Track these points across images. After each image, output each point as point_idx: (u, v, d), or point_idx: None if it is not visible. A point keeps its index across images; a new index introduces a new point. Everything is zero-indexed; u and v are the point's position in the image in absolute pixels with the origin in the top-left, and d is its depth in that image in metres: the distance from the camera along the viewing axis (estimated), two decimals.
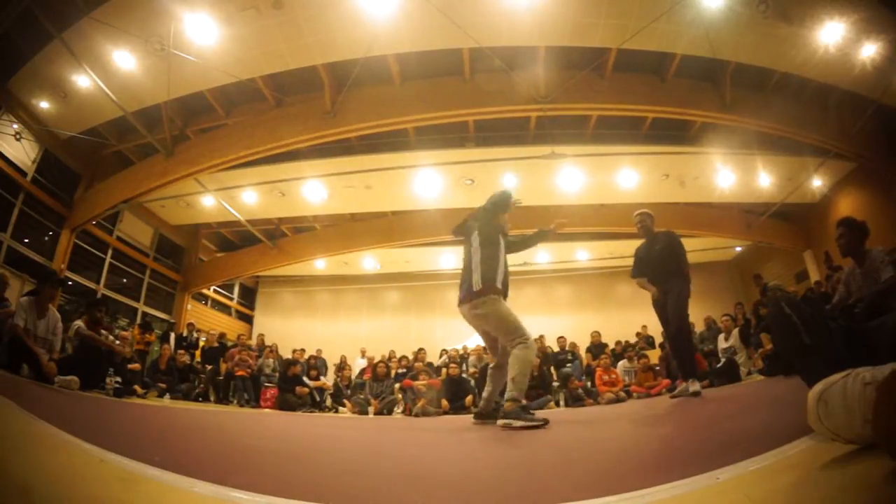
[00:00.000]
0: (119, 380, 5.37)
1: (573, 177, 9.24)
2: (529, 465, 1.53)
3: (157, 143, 8.26)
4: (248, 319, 15.01)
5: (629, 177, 9.33)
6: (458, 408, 5.68)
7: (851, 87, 7.37)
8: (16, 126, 7.80)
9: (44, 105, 7.81)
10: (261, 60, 7.10)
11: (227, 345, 8.89)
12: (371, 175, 9.32)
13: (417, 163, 9.04)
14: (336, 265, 13.69)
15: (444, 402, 5.69)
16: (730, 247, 13.08)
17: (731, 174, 9.37)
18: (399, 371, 7.60)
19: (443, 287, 13.04)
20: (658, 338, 6.59)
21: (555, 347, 8.74)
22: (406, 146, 8.99)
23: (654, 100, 7.77)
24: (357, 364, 9.85)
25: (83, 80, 7.19)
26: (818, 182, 9.76)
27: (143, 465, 1.12)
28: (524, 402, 2.55)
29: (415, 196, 9.84)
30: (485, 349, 3.87)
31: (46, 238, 8.91)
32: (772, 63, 7.29)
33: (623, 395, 6.26)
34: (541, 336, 8.88)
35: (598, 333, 8.73)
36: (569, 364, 7.81)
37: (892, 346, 1.23)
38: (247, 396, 6.99)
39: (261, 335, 10.76)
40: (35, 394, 3.05)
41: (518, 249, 3.39)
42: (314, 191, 9.78)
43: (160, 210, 11.05)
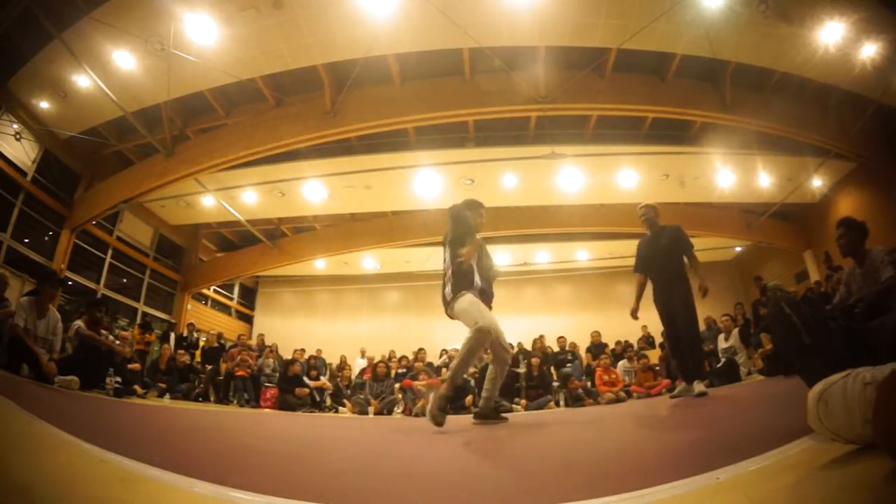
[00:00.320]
0: (119, 380, 5.37)
1: (573, 177, 9.24)
2: (529, 465, 1.53)
3: (157, 143, 8.26)
4: (248, 319, 15.01)
5: (629, 177, 9.34)
6: (458, 408, 5.67)
7: (851, 87, 7.37)
8: (16, 126, 7.81)
9: (44, 105, 7.81)
10: (261, 60, 7.10)
11: (225, 345, 8.88)
12: (371, 175, 9.32)
13: (417, 163, 9.04)
14: (336, 265, 13.69)
15: None
16: (730, 247, 13.08)
17: (731, 174, 9.38)
18: (399, 371, 7.61)
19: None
20: (658, 337, 6.58)
21: (555, 347, 8.75)
22: (406, 146, 9.00)
23: (654, 100, 7.78)
24: (357, 364, 9.85)
25: (83, 80, 7.19)
26: (818, 182, 9.76)
27: (143, 465, 1.12)
28: (450, 395, 2.62)
29: (415, 196, 9.85)
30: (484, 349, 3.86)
31: (46, 238, 8.91)
32: (772, 63, 7.29)
33: (623, 395, 6.26)
34: (541, 336, 8.90)
35: (598, 333, 8.74)
36: (569, 364, 7.81)
37: (892, 346, 1.23)
38: (247, 396, 7.00)
39: (261, 335, 10.76)
40: (35, 394, 3.05)
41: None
42: (314, 191, 9.78)
43: (160, 210, 11.05)
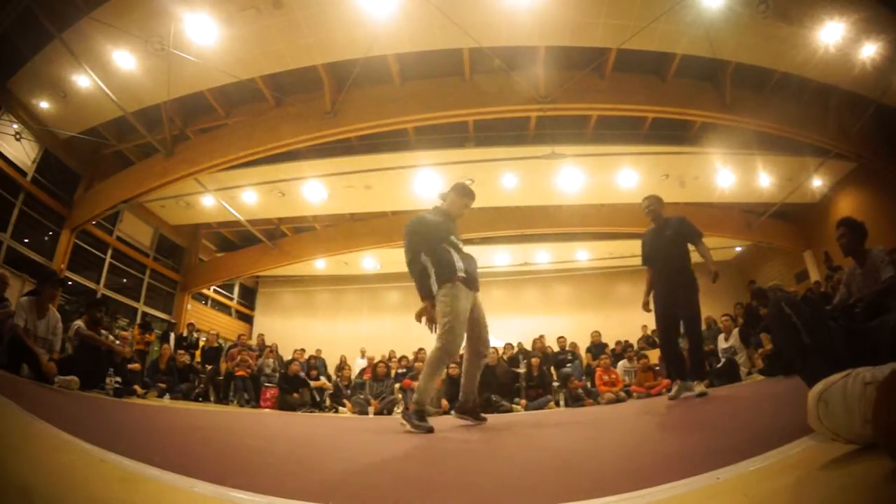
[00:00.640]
0: (119, 380, 5.36)
1: (573, 177, 9.24)
2: (529, 465, 1.53)
3: (157, 143, 8.26)
4: (248, 319, 15.00)
5: (629, 177, 9.33)
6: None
7: (851, 87, 7.37)
8: (16, 126, 7.80)
9: (44, 105, 7.81)
10: (261, 60, 7.10)
11: (222, 346, 8.88)
12: (371, 175, 9.32)
13: (417, 163, 9.04)
14: (336, 265, 13.68)
15: (444, 402, 5.68)
16: (730, 247, 13.07)
17: (731, 174, 9.37)
18: (399, 371, 7.61)
19: None
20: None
21: (555, 347, 8.74)
22: (406, 146, 8.99)
23: (654, 100, 7.77)
24: (357, 364, 9.85)
25: (83, 80, 7.18)
26: (818, 182, 9.76)
27: (143, 465, 1.12)
28: (423, 408, 2.56)
29: (415, 196, 9.83)
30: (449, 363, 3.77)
31: (46, 238, 8.90)
32: (772, 63, 7.29)
33: (623, 395, 6.27)
34: (541, 336, 8.89)
35: (598, 333, 8.73)
36: (569, 364, 7.81)
37: (893, 346, 1.23)
38: (247, 396, 7.00)
39: (261, 335, 10.76)
40: (35, 394, 3.05)
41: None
42: (314, 191, 9.78)
43: (160, 210, 11.05)
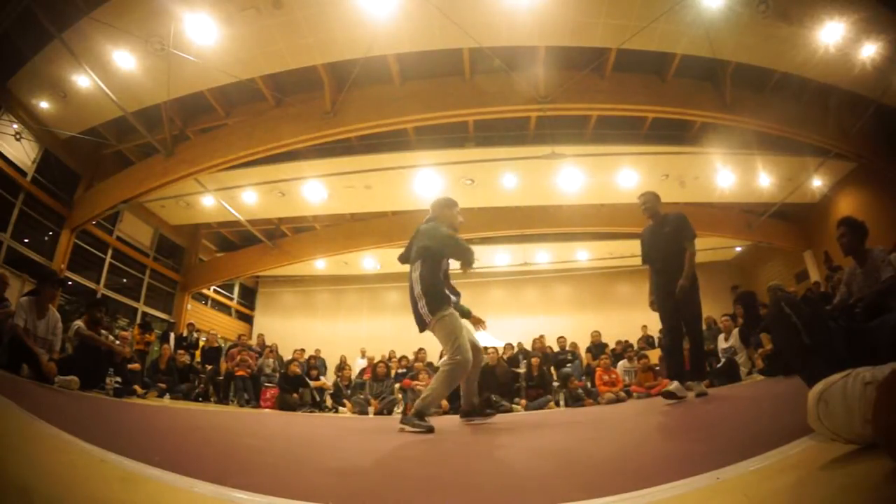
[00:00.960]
0: (119, 380, 5.37)
1: (573, 177, 9.23)
2: (529, 465, 1.53)
3: (157, 143, 8.25)
4: (248, 319, 15.00)
5: (629, 177, 9.33)
6: (458, 408, 5.66)
7: (851, 87, 7.36)
8: (16, 126, 7.79)
9: (44, 105, 7.80)
10: (261, 60, 7.10)
11: (222, 345, 8.89)
12: (371, 175, 9.31)
13: (417, 163, 9.04)
14: (336, 265, 13.67)
15: (444, 403, 5.68)
16: (730, 247, 13.07)
17: (731, 174, 9.37)
18: (399, 371, 7.62)
19: None
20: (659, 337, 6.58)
21: (555, 347, 8.75)
22: (406, 146, 8.99)
23: (654, 100, 7.77)
24: (357, 364, 9.85)
25: (83, 80, 7.18)
26: (818, 182, 9.75)
27: (143, 465, 1.12)
28: (427, 411, 2.74)
29: (415, 196, 9.83)
30: (484, 349, 3.89)
31: (46, 238, 8.90)
32: (772, 63, 7.29)
33: (623, 395, 6.27)
34: (541, 336, 8.89)
35: (598, 333, 8.74)
36: (569, 364, 7.81)
37: (893, 346, 1.23)
38: (247, 396, 7.00)
39: (261, 335, 10.76)
40: (35, 394, 3.05)
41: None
42: (314, 191, 9.78)
43: (160, 210, 11.04)
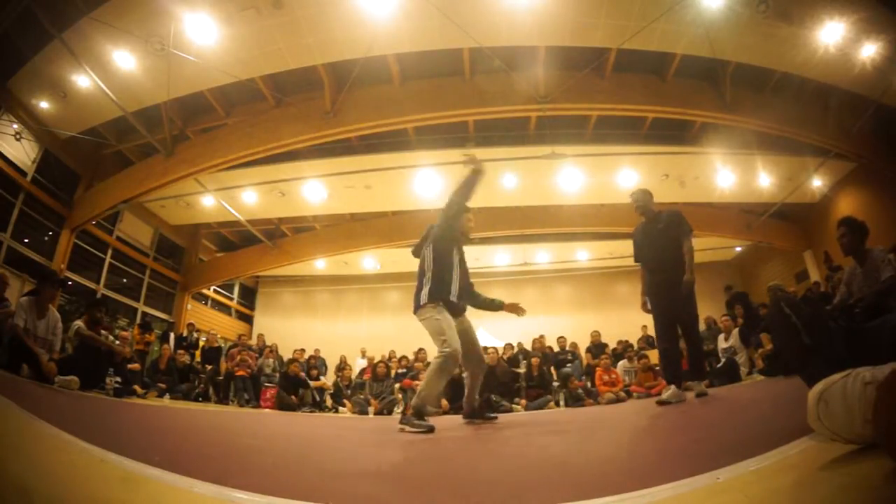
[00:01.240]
0: (119, 380, 5.37)
1: (573, 177, 9.24)
2: (529, 465, 1.53)
3: (157, 143, 8.26)
4: (248, 319, 15.00)
5: (629, 177, 9.32)
6: (458, 408, 5.65)
7: (851, 87, 7.37)
8: (16, 126, 7.80)
9: (44, 105, 7.81)
10: (261, 60, 7.10)
11: (222, 345, 8.89)
12: (371, 175, 9.32)
13: (417, 163, 9.04)
14: (336, 265, 13.68)
15: (444, 402, 5.68)
16: (730, 247, 13.08)
17: (731, 174, 9.37)
18: (399, 371, 7.61)
19: None
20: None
21: (555, 347, 8.74)
22: (406, 146, 8.99)
23: (654, 100, 7.77)
24: (357, 364, 9.85)
25: (83, 80, 7.18)
26: (818, 182, 9.76)
27: (143, 465, 1.12)
28: (424, 409, 2.73)
29: (415, 196, 9.84)
30: (484, 349, 3.89)
31: (46, 238, 8.90)
32: (772, 63, 7.29)
33: (623, 395, 6.26)
34: (541, 336, 8.89)
35: (598, 333, 8.73)
36: (569, 364, 7.81)
37: (893, 346, 1.23)
38: (247, 396, 6.99)
39: (261, 335, 10.76)
40: (35, 394, 3.05)
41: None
42: (314, 191, 9.78)
43: (160, 210, 11.05)
